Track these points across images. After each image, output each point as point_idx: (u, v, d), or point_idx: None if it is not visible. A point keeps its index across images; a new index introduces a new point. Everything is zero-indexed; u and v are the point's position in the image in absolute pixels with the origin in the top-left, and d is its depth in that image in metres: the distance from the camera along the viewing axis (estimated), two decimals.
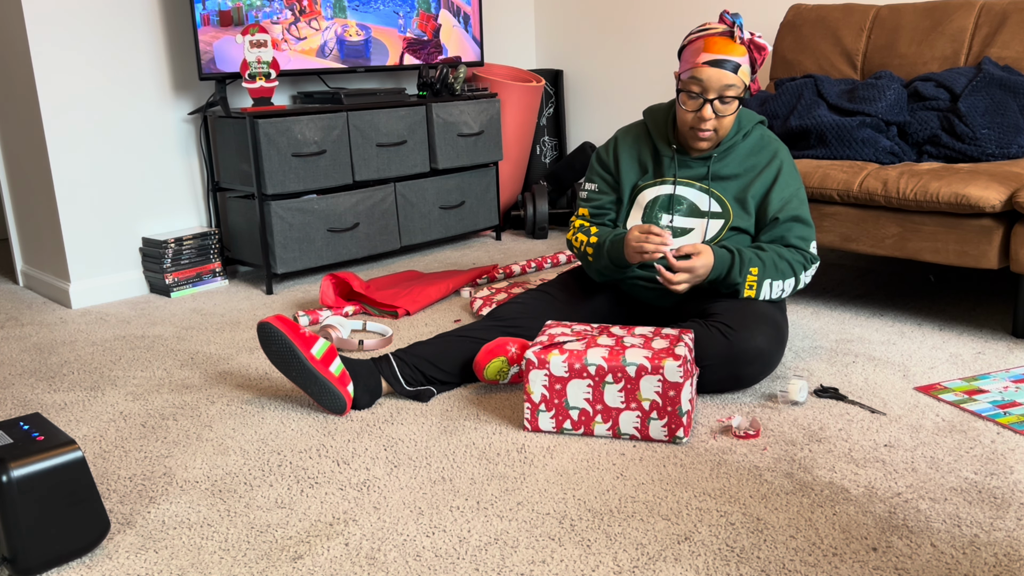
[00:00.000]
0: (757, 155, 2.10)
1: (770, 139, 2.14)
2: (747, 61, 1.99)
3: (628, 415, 1.78)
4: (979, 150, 2.50)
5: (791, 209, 2.06)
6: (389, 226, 3.39)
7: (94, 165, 3.03)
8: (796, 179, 2.10)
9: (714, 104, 1.98)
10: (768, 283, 2.01)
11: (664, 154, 2.12)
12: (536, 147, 4.22)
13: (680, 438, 1.77)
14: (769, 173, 2.08)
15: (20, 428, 1.49)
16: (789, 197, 2.07)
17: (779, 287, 2.03)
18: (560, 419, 1.83)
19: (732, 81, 1.96)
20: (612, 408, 1.79)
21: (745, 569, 1.35)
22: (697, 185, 2.09)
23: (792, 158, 2.15)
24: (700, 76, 1.96)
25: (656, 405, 1.76)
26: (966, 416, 1.86)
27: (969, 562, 1.35)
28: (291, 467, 1.76)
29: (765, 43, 1.98)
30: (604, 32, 4.15)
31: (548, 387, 1.81)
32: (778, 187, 2.07)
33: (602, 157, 2.21)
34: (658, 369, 1.74)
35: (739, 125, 2.11)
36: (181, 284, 3.13)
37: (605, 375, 1.77)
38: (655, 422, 1.77)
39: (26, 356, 2.53)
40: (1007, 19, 2.75)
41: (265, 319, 1.95)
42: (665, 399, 1.75)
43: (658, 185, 2.11)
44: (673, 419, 1.76)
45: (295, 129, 3.05)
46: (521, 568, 1.38)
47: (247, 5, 3.09)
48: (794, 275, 2.04)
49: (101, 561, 1.46)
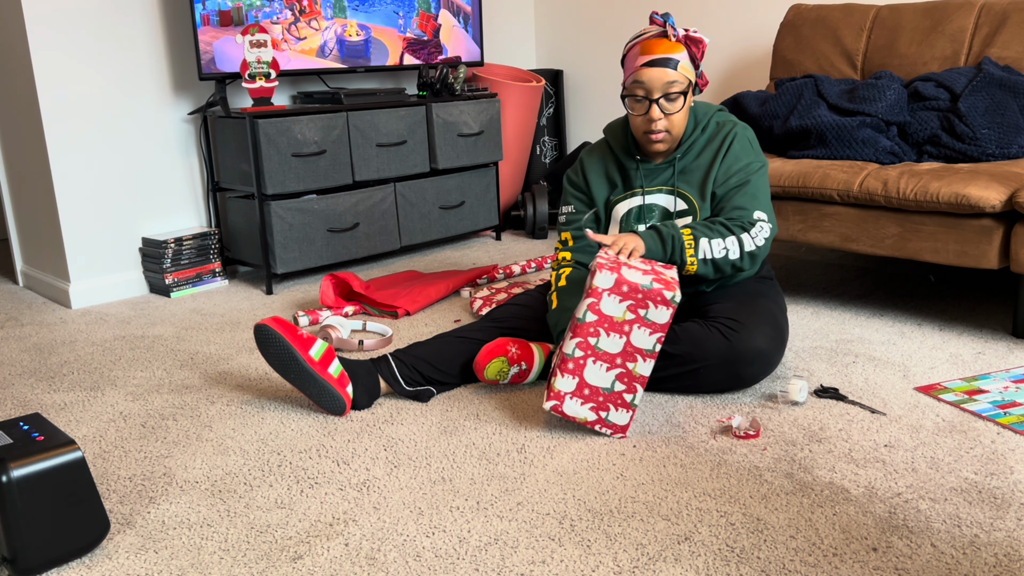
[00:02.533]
0: (713, 141, 2.08)
1: (725, 122, 2.10)
2: (686, 57, 1.98)
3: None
4: (979, 150, 2.50)
5: (733, 181, 2.02)
6: (389, 226, 3.39)
7: (94, 165, 3.03)
8: (747, 153, 2.06)
9: (660, 103, 1.97)
10: (707, 241, 1.95)
11: (629, 167, 2.12)
12: (536, 147, 4.22)
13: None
14: (721, 153, 2.05)
15: (20, 428, 1.49)
16: (735, 170, 2.03)
17: (720, 246, 1.96)
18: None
19: (673, 78, 1.96)
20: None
21: (745, 569, 1.35)
22: (666, 189, 2.09)
23: (750, 135, 2.09)
24: (641, 79, 1.96)
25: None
26: (966, 416, 1.86)
27: (969, 562, 1.35)
28: (291, 467, 1.76)
29: (701, 36, 1.99)
30: (604, 32, 4.15)
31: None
32: (725, 163, 2.04)
33: (572, 179, 2.21)
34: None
35: (695, 121, 2.10)
36: (181, 284, 3.13)
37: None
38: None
39: (26, 356, 2.53)
40: (1007, 19, 2.75)
41: (262, 321, 1.95)
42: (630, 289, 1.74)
43: (629, 198, 2.11)
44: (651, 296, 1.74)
45: (295, 129, 3.05)
46: (521, 568, 1.38)
47: (247, 5, 3.09)
48: (732, 234, 1.97)
49: (101, 561, 1.46)
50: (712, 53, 3.75)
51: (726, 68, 3.73)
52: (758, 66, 3.62)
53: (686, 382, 1.99)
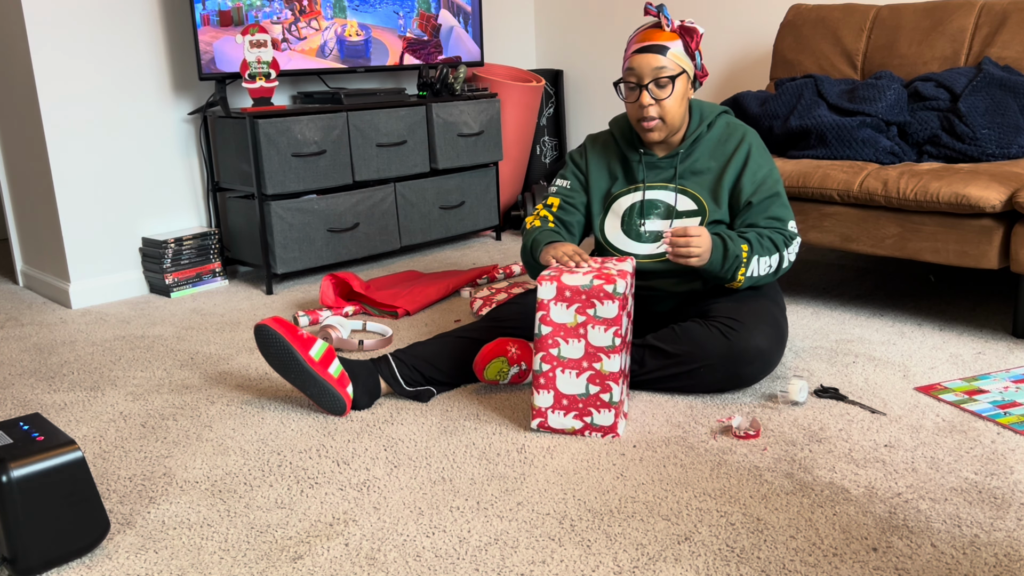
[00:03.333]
0: (725, 143, 2.09)
1: (736, 126, 2.11)
2: (679, 46, 1.99)
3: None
4: (979, 150, 2.50)
5: (765, 190, 2.04)
6: (389, 226, 3.39)
7: (94, 165, 3.03)
8: (768, 161, 2.08)
9: (649, 88, 1.98)
10: (756, 259, 1.98)
11: (632, 159, 2.12)
12: (536, 147, 4.22)
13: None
14: (739, 159, 2.06)
15: (20, 428, 1.49)
16: (762, 179, 2.05)
17: (767, 263, 1.99)
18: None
19: (662, 63, 1.96)
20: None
21: (745, 569, 1.35)
22: (670, 186, 2.09)
23: (761, 141, 2.12)
24: (632, 65, 1.98)
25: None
26: (966, 416, 1.86)
27: (969, 562, 1.35)
28: (291, 467, 1.76)
29: (695, 26, 2.00)
30: (604, 32, 4.15)
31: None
32: (749, 170, 2.05)
33: (575, 159, 2.21)
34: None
35: (701, 116, 2.10)
36: (181, 284, 3.13)
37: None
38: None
39: (26, 356, 2.53)
40: (1007, 19, 2.75)
41: (262, 321, 1.95)
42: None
43: (632, 192, 2.11)
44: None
45: (295, 129, 3.05)
46: (521, 568, 1.38)
47: (247, 5, 3.09)
48: (778, 251, 2.01)
49: (101, 561, 1.46)
50: (712, 53, 3.75)
51: (726, 68, 3.73)
52: (758, 66, 3.62)
53: (686, 382, 1.99)
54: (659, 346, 1.99)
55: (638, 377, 2.02)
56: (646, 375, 2.01)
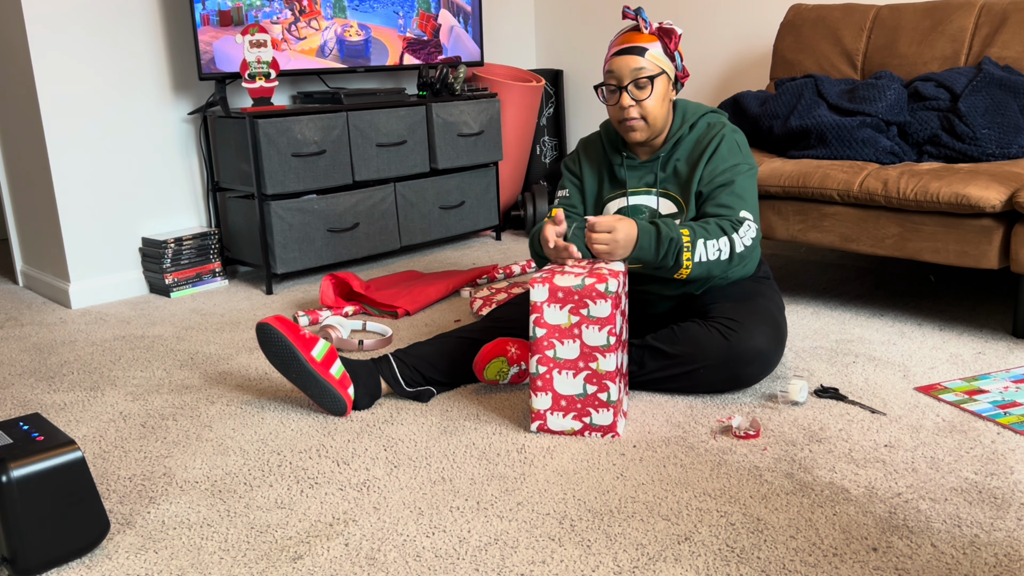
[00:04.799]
0: (700, 143, 2.06)
1: (717, 125, 2.07)
2: (659, 47, 1.99)
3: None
4: (979, 150, 2.50)
5: (718, 181, 1.99)
6: (389, 226, 3.39)
7: (94, 165, 3.03)
8: (735, 156, 2.02)
9: (629, 89, 1.98)
10: (703, 243, 1.91)
11: (615, 161, 2.12)
12: (536, 147, 4.22)
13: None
14: (706, 155, 2.02)
15: (20, 428, 1.49)
16: (719, 171, 2.00)
17: (715, 247, 1.92)
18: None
19: (640, 64, 1.96)
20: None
21: (745, 569, 1.35)
22: (653, 191, 2.08)
23: (742, 139, 2.06)
24: (612, 68, 1.98)
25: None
26: (966, 416, 1.86)
27: (969, 562, 1.35)
28: (291, 467, 1.76)
29: (673, 27, 2.00)
30: (604, 32, 4.15)
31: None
32: (710, 165, 2.01)
33: (570, 166, 2.22)
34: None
35: (683, 118, 2.09)
36: (181, 284, 3.13)
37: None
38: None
39: (26, 356, 2.53)
40: (1007, 19, 2.75)
41: (264, 320, 1.95)
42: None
43: (619, 197, 2.11)
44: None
45: (295, 129, 3.05)
46: (521, 568, 1.38)
47: (247, 5, 3.09)
48: (725, 235, 1.94)
49: (101, 561, 1.46)
50: (712, 53, 3.75)
51: (726, 68, 3.73)
52: (758, 66, 3.62)
53: (686, 382, 1.99)
54: (658, 347, 1.99)
55: (638, 378, 2.02)
56: (646, 376, 2.01)
